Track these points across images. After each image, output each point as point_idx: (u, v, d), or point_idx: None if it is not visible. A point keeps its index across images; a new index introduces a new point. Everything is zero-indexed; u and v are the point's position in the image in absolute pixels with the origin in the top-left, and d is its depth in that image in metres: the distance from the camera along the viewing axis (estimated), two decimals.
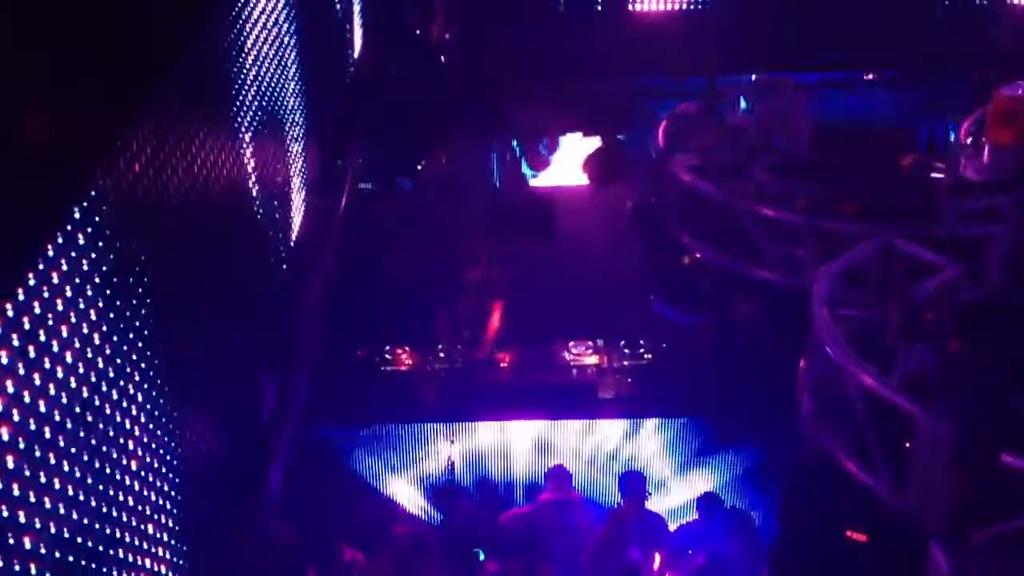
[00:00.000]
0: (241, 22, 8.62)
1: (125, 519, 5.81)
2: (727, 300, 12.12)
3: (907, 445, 8.25)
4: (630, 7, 16.75)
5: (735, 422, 11.40)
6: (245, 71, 8.79)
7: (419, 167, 15.52)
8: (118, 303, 5.69)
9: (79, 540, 5.13)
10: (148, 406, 6.19)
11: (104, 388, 5.52)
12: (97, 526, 5.37)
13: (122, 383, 5.78)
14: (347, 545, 10.09)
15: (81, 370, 5.21)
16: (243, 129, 8.76)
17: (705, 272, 12.25)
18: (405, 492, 11.59)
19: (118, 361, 5.72)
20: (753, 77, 14.69)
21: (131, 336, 5.87)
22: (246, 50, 8.79)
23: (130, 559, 5.87)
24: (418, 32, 16.60)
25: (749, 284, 11.84)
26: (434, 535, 10.91)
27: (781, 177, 12.00)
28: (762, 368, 10.98)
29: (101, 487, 5.43)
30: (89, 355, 5.34)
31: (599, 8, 16.90)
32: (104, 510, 5.48)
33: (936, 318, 9.29)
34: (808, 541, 9.20)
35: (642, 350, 12.21)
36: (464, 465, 11.56)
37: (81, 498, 5.14)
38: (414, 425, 11.71)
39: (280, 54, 10.19)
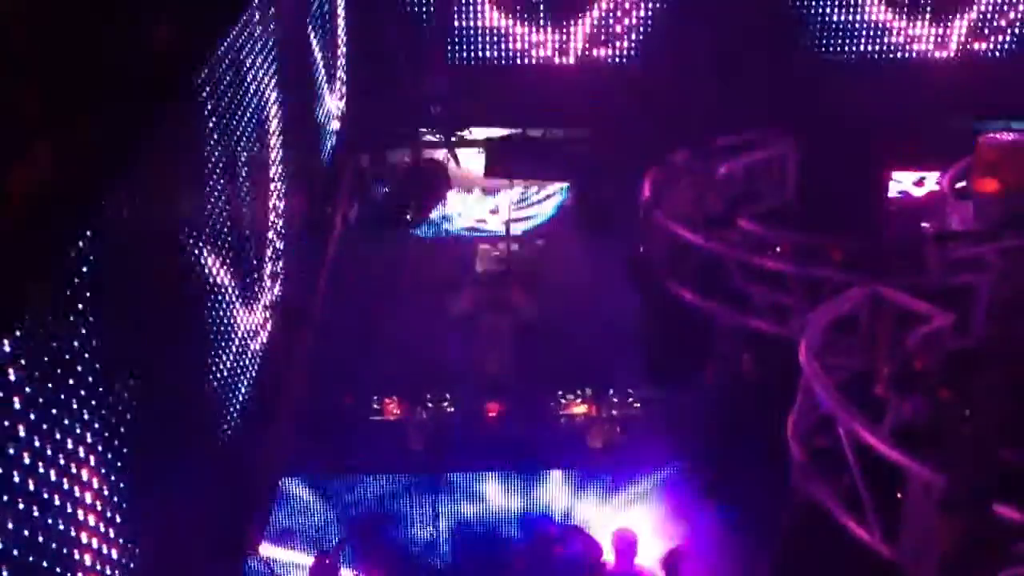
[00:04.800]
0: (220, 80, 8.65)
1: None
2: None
3: (899, 495, 8.22)
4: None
5: (725, 472, 11.33)
6: (229, 126, 8.79)
7: (408, 216, 15.58)
8: (100, 361, 5.65)
9: None
10: (126, 464, 6.12)
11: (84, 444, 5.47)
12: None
13: (101, 440, 5.73)
14: None
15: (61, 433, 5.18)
16: (231, 179, 8.76)
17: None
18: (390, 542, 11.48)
19: (97, 419, 5.67)
20: None
21: (105, 391, 5.81)
22: (230, 105, 8.81)
23: None
24: (408, 82, 16.70)
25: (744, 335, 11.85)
26: None
27: (768, 226, 12.04)
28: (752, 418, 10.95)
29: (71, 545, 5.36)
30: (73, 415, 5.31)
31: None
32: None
33: (926, 367, 9.30)
34: None
35: (631, 399, 12.18)
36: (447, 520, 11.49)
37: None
38: (401, 475, 11.64)
39: (264, 107, 10.22)
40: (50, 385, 5.04)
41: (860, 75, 17.13)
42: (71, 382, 5.32)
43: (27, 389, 4.81)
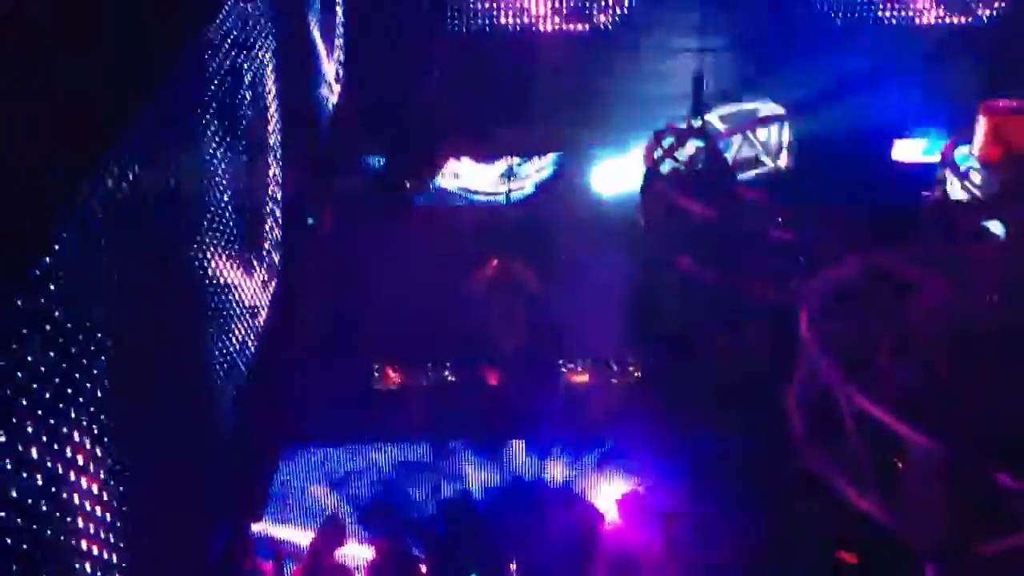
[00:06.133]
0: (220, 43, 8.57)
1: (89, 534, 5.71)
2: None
3: (899, 465, 8.22)
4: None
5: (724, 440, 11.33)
6: (226, 90, 8.71)
7: (407, 183, 15.52)
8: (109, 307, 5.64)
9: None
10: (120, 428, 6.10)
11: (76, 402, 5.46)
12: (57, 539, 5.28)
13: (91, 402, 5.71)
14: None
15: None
16: (229, 148, 8.71)
17: None
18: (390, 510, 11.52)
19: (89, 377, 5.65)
20: None
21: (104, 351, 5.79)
22: (224, 70, 8.73)
23: None
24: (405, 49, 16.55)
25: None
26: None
27: (766, 193, 12.03)
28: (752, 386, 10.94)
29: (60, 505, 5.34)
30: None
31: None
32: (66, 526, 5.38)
33: (927, 337, 9.28)
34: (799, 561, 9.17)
35: (631, 368, 12.17)
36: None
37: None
38: (402, 443, 11.66)
39: (262, 76, 10.14)
40: (52, 354, 5.01)
41: (856, 40, 16.99)
42: (74, 351, 5.29)
43: (28, 358, 4.78)
